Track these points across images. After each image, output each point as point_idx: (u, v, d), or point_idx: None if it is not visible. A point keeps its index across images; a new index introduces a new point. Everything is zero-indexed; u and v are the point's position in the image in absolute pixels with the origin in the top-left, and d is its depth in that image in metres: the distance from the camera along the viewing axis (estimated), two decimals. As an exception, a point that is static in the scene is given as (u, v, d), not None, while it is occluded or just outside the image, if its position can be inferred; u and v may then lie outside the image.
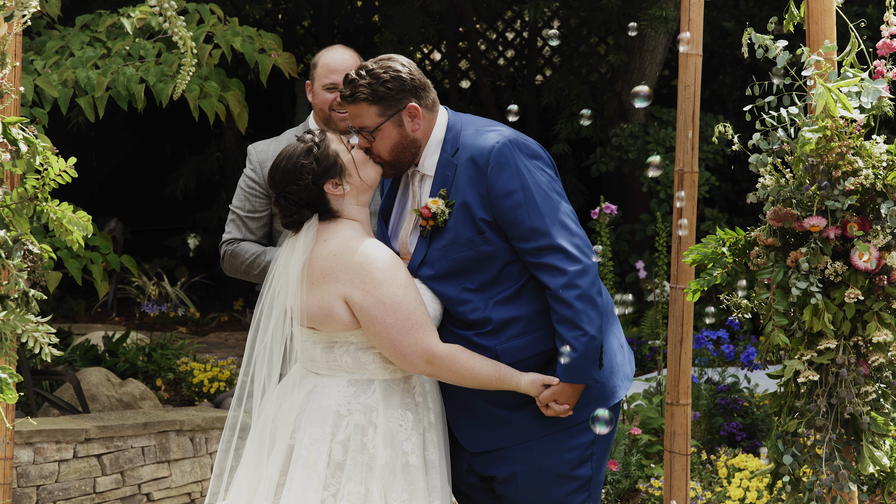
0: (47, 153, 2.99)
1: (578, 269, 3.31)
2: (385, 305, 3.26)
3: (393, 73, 3.42)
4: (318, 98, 4.38)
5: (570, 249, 3.32)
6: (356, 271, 3.28)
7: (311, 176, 3.33)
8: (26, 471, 5.44)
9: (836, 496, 3.06)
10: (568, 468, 3.44)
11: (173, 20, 3.15)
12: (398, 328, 3.26)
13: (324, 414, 3.31)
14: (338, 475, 3.28)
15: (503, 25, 12.33)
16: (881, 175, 2.97)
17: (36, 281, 3.02)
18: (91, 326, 9.74)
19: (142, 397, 6.91)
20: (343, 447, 3.29)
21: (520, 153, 3.38)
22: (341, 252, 3.30)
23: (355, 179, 3.39)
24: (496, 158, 3.36)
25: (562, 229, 3.33)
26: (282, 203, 3.37)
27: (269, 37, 6.66)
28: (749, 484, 5.43)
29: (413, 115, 3.44)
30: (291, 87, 11.78)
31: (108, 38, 6.64)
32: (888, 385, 3.09)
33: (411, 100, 3.44)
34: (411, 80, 3.45)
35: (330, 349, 3.35)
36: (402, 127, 3.44)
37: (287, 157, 3.37)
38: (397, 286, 3.27)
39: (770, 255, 3.05)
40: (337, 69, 4.37)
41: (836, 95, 2.93)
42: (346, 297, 3.28)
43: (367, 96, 3.40)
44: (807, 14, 3.24)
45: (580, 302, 3.30)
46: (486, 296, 3.40)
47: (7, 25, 2.98)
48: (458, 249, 3.40)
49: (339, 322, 3.30)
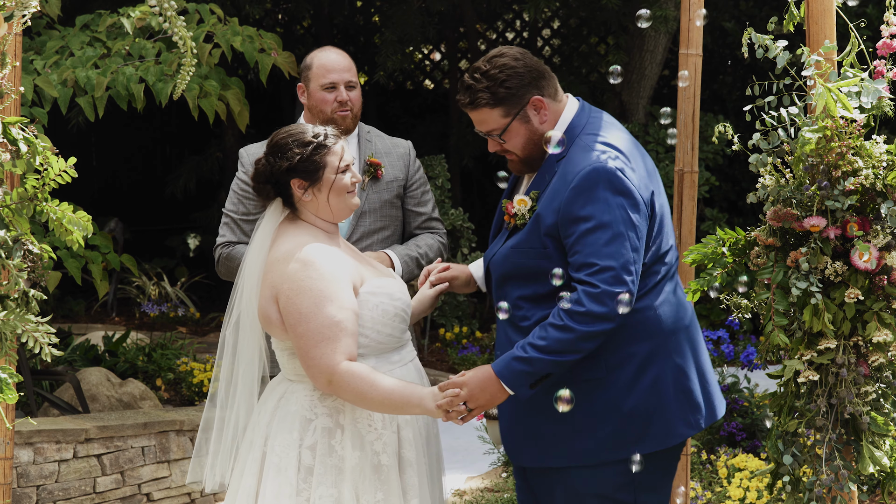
0: (47, 153, 2.98)
1: (595, 310, 3.16)
2: (301, 314, 3.23)
3: (509, 72, 3.30)
4: (314, 99, 4.37)
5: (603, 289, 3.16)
6: (288, 276, 3.26)
7: (287, 163, 3.31)
8: (26, 471, 5.44)
9: (836, 496, 3.06)
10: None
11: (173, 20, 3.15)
12: (307, 339, 3.22)
13: (291, 419, 3.30)
14: (309, 480, 3.25)
15: (503, 25, 12.33)
16: (881, 175, 2.97)
17: (36, 281, 3.02)
18: (91, 326, 9.75)
19: (142, 397, 6.91)
20: (312, 451, 3.27)
21: (607, 185, 3.22)
22: (285, 257, 3.29)
23: (322, 198, 3.35)
24: (581, 180, 3.22)
25: (610, 273, 3.17)
26: (260, 164, 3.36)
27: (269, 36, 6.66)
28: (749, 484, 5.43)
29: (538, 107, 3.33)
30: (291, 86, 11.77)
31: (108, 38, 6.64)
32: (888, 385, 3.08)
33: (533, 93, 3.33)
34: (528, 72, 3.33)
35: (293, 356, 3.34)
36: (529, 122, 3.34)
37: (291, 134, 3.36)
38: (322, 298, 3.22)
39: (770, 255, 3.05)
40: (335, 69, 4.37)
41: (836, 95, 2.93)
42: (276, 300, 3.28)
43: (487, 101, 3.32)
44: (807, 14, 3.23)
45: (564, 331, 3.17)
46: (538, 309, 3.31)
47: (7, 25, 2.98)
48: (521, 255, 3.33)
49: (278, 327, 3.30)
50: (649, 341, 3.32)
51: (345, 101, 4.36)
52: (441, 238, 4.54)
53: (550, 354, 3.18)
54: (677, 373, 3.35)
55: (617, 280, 3.17)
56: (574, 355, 3.20)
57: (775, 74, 3.09)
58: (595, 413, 3.30)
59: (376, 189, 4.41)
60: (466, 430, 7.44)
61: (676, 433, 3.36)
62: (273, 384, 3.44)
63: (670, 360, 3.35)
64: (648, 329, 3.32)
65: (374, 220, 4.40)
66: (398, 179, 4.46)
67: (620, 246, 3.19)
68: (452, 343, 9.59)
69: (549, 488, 3.43)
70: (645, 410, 3.31)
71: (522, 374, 3.21)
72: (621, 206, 3.21)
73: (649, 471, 3.33)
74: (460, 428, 7.54)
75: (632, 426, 3.31)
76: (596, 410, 3.30)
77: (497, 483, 6.43)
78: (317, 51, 4.47)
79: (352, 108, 4.38)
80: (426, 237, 4.51)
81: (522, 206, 3.35)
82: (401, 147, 4.55)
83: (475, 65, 3.37)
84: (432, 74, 13.24)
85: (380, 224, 4.40)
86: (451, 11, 10.89)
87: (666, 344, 3.34)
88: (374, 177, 4.41)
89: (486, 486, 6.42)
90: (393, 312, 3.35)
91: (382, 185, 4.43)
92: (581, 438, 3.32)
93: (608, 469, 3.33)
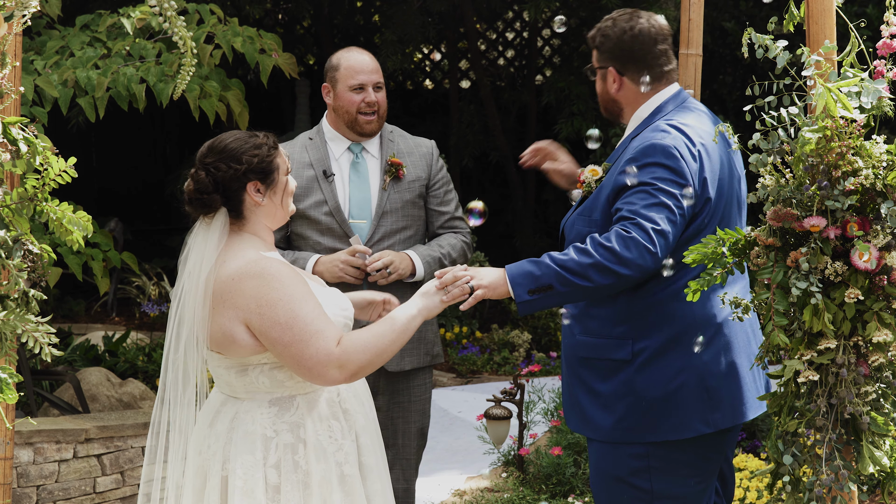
0: (47, 153, 2.98)
1: (619, 250, 3.25)
2: (282, 325, 3.14)
3: (616, 34, 3.58)
4: (342, 100, 4.38)
5: (635, 235, 3.26)
6: (252, 296, 3.15)
7: (245, 167, 3.22)
8: (26, 471, 5.44)
9: (836, 496, 3.06)
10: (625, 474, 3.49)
11: (173, 20, 3.15)
12: (297, 344, 3.13)
13: (252, 440, 3.22)
14: (277, 499, 3.20)
15: (503, 25, 12.33)
16: (881, 175, 2.97)
17: (36, 281, 3.02)
18: (91, 326, 9.75)
19: (142, 397, 6.91)
20: (276, 470, 3.20)
21: (660, 158, 3.37)
22: (240, 276, 3.17)
23: (276, 200, 3.29)
24: (637, 153, 3.41)
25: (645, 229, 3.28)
26: (201, 176, 3.22)
27: (270, 37, 6.66)
28: (749, 484, 5.43)
29: (612, 78, 3.62)
30: (291, 87, 11.77)
31: (109, 39, 6.64)
32: (888, 385, 3.08)
33: (616, 65, 3.60)
34: (631, 48, 3.57)
35: (244, 373, 3.24)
36: (604, 81, 3.64)
37: (237, 139, 3.26)
38: (292, 301, 3.15)
39: (770, 255, 3.04)
40: (364, 70, 4.38)
41: (836, 95, 2.93)
42: (245, 321, 3.17)
43: (594, 40, 3.65)
44: (807, 14, 3.23)
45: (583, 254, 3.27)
46: None
47: (7, 25, 2.98)
48: (582, 222, 3.49)
49: (245, 347, 3.19)
50: (676, 328, 3.40)
51: (373, 102, 4.38)
52: (464, 238, 4.54)
53: (560, 267, 3.27)
54: (703, 369, 3.42)
55: (649, 237, 3.26)
56: (582, 281, 3.26)
57: (775, 74, 3.09)
58: (616, 392, 3.42)
59: (398, 189, 4.42)
60: (467, 430, 7.45)
61: (692, 427, 3.41)
62: (214, 405, 3.33)
63: (697, 354, 3.41)
64: (678, 315, 3.41)
65: (396, 219, 4.40)
66: (420, 179, 4.47)
67: (660, 212, 3.30)
68: (452, 343, 9.59)
69: (590, 458, 3.61)
70: (664, 399, 3.39)
71: (527, 274, 3.30)
72: (669, 180, 3.34)
73: (665, 460, 3.40)
74: (460, 428, 7.54)
75: (649, 413, 3.40)
76: (617, 390, 3.42)
77: (497, 483, 6.43)
78: (343, 51, 4.47)
79: (378, 110, 4.41)
80: (449, 237, 4.51)
81: (592, 175, 3.53)
82: (423, 146, 4.56)
83: (621, 10, 3.64)
84: (432, 74, 13.24)
85: (402, 224, 4.41)
86: (451, 11, 10.89)
87: (694, 335, 3.40)
88: (395, 177, 4.42)
89: (486, 486, 6.42)
90: (343, 323, 3.31)
91: (404, 185, 4.43)
92: (603, 415, 3.45)
93: (623, 450, 3.44)
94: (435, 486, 6.44)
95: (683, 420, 3.41)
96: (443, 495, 6.33)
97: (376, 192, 4.42)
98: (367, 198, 4.42)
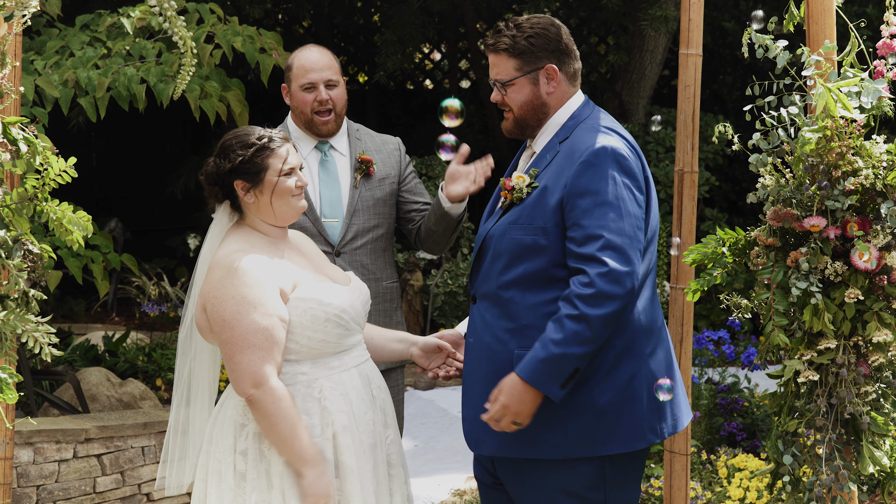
0: (47, 153, 2.99)
1: (607, 290, 3.13)
2: (224, 321, 3.21)
3: (539, 30, 3.35)
4: (296, 100, 4.33)
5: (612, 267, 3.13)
6: (214, 285, 3.25)
7: (230, 164, 3.33)
8: (26, 471, 5.44)
9: (836, 496, 3.06)
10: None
11: (173, 20, 3.16)
12: (231, 345, 3.20)
13: (229, 425, 3.29)
14: (243, 486, 3.23)
15: (503, 25, 12.33)
16: (881, 175, 2.97)
17: (36, 281, 3.02)
18: (91, 326, 9.74)
19: (142, 397, 6.91)
20: (244, 457, 3.25)
21: (615, 164, 3.22)
22: (213, 264, 3.29)
23: (264, 200, 3.35)
24: (590, 156, 3.22)
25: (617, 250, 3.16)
26: (208, 167, 3.40)
27: (270, 36, 6.66)
28: (749, 484, 5.43)
29: (551, 76, 3.37)
30: (291, 87, 11.76)
31: (109, 38, 6.64)
32: (888, 385, 3.09)
33: (552, 61, 3.37)
34: (557, 41, 3.37)
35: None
36: (536, 86, 3.38)
37: (237, 136, 3.38)
38: (243, 303, 3.20)
39: (770, 255, 3.05)
40: (314, 68, 4.31)
41: (836, 95, 2.93)
42: (204, 307, 3.28)
43: (507, 47, 3.35)
44: (807, 14, 3.24)
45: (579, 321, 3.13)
46: (524, 293, 3.29)
47: (7, 25, 2.98)
48: (519, 230, 3.30)
49: (209, 334, 3.31)
50: (626, 336, 3.27)
51: (324, 100, 4.29)
52: None
53: (571, 347, 3.13)
54: (651, 378, 3.31)
55: (624, 258, 3.14)
56: (593, 345, 3.14)
57: (775, 74, 3.09)
58: (567, 405, 3.25)
59: (369, 186, 4.38)
60: (466, 430, 7.43)
61: (643, 438, 3.30)
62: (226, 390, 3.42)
63: (645, 362, 3.30)
64: (625, 323, 3.26)
65: (368, 217, 4.37)
66: (391, 176, 4.44)
67: (626, 224, 3.18)
68: (452, 343, 9.58)
69: (518, 480, 3.38)
70: (617, 408, 3.26)
71: (551, 374, 3.15)
72: (628, 186, 3.22)
73: (620, 470, 3.32)
74: (460, 428, 7.53)
75: (602, 424, 3.25)
76: (569, 405, 3.25)
77: (497, 483, 6.43)
78: (298, 50, 4.41)
79: (333, 107, 4.32)
80: None
81: (521, 181, 3.34)
82: (390, 143, 4.53)
83: (515, 17, 3.42)
84: (432, 74, 13.25)
85: (373, 222, 4.37)
86: (451, 11, 10.90)
87: (641, 342, 3.29)
88: (366, 174, 4.39)
89: (487, 486, 6.42)
90: (324, 318, 3.30)
91: (375, 183, 4.40)
92: (552, 432, 3.27)
93: (579, 466, 3.29)
94: (435, 486, 6.44)
95: (635, 430, 3.29)
96: (443, 495, 6.33)
97: (347, 190, 4.37)
98: (338, 196, 4.37)
